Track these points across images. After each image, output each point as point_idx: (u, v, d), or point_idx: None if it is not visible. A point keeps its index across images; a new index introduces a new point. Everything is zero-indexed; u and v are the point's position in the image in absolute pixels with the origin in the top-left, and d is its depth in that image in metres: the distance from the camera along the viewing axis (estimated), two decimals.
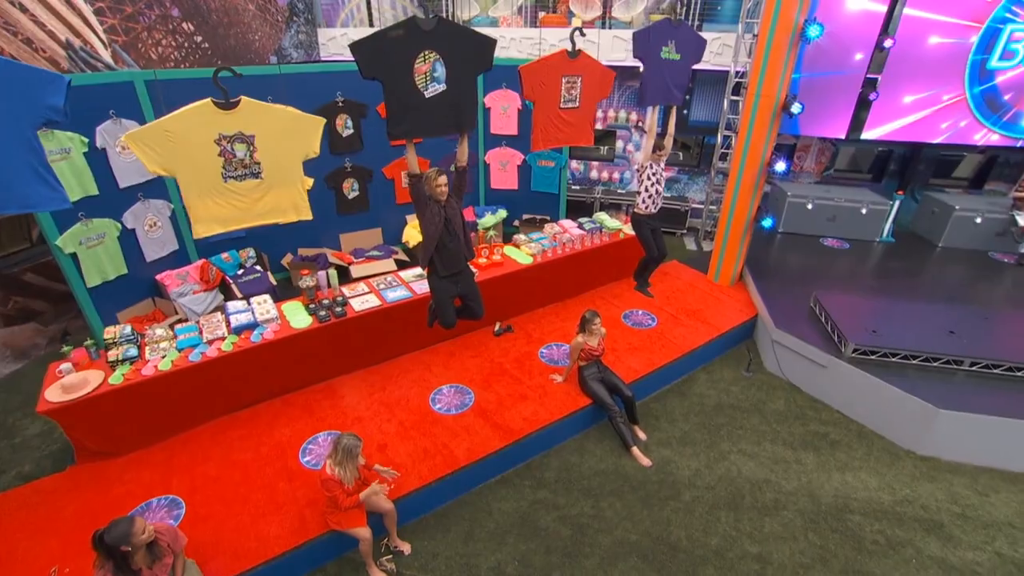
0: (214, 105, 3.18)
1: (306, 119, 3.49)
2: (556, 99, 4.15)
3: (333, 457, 3.23)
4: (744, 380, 5.50)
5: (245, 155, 3.29)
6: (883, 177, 8.62)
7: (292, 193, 3.57)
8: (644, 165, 4.95)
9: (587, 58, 4.14)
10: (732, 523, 3.92)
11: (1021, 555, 3.74)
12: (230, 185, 3.30)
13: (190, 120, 3.11)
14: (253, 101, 3.30)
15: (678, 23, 4.43)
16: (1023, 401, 4.42)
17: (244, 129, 3.25)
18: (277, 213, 3.55)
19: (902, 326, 5.13)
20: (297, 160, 3.53)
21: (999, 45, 6.72)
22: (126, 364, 4.02)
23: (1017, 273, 6.94)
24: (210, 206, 3.30)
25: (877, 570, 3.60)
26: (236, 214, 3.39)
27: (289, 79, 6.01)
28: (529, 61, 4.00)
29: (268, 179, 3.41)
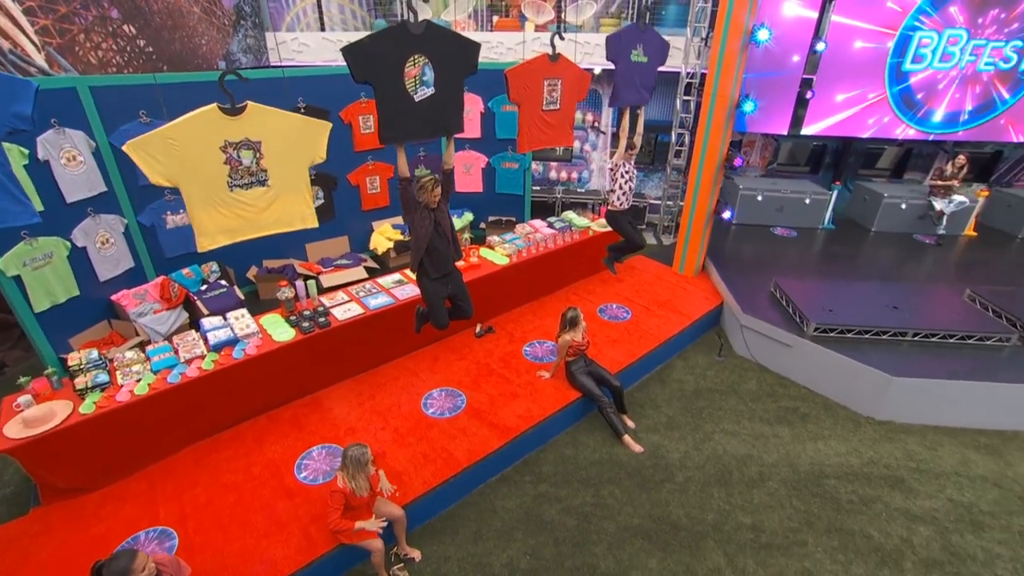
0: (220, 111, 3.04)
1: (313, 123, 3.41)
2: (539, 102, 4.26)
3: (344, 470, 3.16)
4: (717, 364, 5.81)
5: (252, 162, 3.17)
6: (820, 169, 9.33)
7: (299, 201, 3.47)
8: (617, 164, 5.15)
9: (566, 61, 4.27)
10: (724, 498, 4.15)
11: (967, 498, 4.19)
12: (236, 194, 3.17)
13: (194, 127, 2.96)
14: (259, 106, 3.18)
15: (644, 28, 4.65)
16: (958, 364, 4.94)
17: (251, 135, 3.13)
18: (283, 223, 3.44)
19: (853, 305, 5.60)
20: (304, 167, 3.43)
21: (911, 50, 7.46)
22: (96, 391, 3.74)
23: (937, 252, 7.71)
24: (215, 217, 3.15)
25: (855, 526, 3.93)
26: (242, 225, 3.25)
27: (250, 85, 5.77)
28: (514, 64, 4.08)
29: (275, 187, 3.30)
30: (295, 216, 3.50)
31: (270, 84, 6.03)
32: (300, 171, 3.41)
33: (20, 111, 2.41)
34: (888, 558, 3.70)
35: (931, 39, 7.34)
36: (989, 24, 7.25)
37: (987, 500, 4.20)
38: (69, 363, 3.88)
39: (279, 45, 8.80)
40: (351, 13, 10.38)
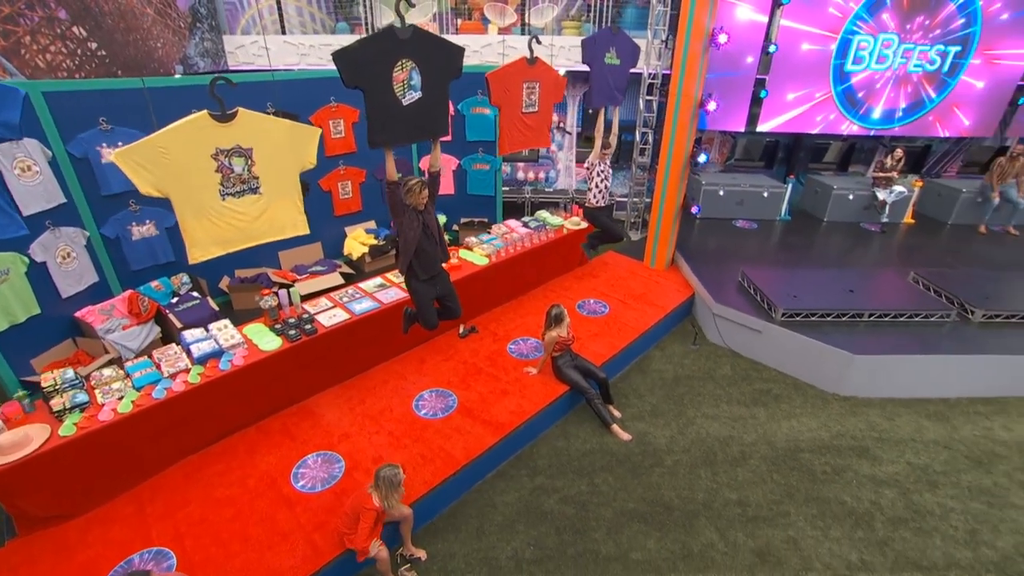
0: (210, 117, 2.97)
1: (302, 129, 3.38)
2: (519, 104, 4.36)
3: (378, 490, 3.16)
4: (693, 352, 6.08)
5: (243, 170, 3.12)
6: (773, 164, 9.86)
7: (290, 208, 3.43)
8: (593, 163, 5.32)
9: (543, 64, 4.39)
10: (711, 477, 4.38)
11: (923, 461, 4.59)
12: (228, 203, 3.11)
13: (185, 135, 2.89)
14: (250, 112, 3.13)
15: (617, 31, 4.84)
16: (907, 341, 5.38)
17: (242, 142, 3.07)
18: (276, 230, 3.39)
19: (814, 290, 5.98)
20: (295, 172, 3.40)
21: (851, 52, 8.01)
22: (76, 412, 3.58)
23: (881, 239, 8.31)
24: (207, 227, 3.08)
25: (830, 494, 4.23)
26: (234, 234, 3.19)
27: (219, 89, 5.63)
28: (492, 68, 4.17)
29: (267, 194, 3.25)
30: (287, 223, 3.46)
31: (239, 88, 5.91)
32: (291, 177, 3.38)
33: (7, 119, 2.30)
34: (861, 520, 4.01)
35: (868, 43, 7.91)
36: (916, 29, 7.89)
37: (939, 461, 4.60)
38: (43, 384, 3.68)
39: (238, 49, 8.54)
40: (310, 16, 10.18)
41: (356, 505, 3.16)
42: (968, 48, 8.00)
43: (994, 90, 8.35)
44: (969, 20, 7.80)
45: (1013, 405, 5.31)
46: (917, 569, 3.66)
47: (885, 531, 3.93)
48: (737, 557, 3.72)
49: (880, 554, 3.76)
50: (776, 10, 7.59)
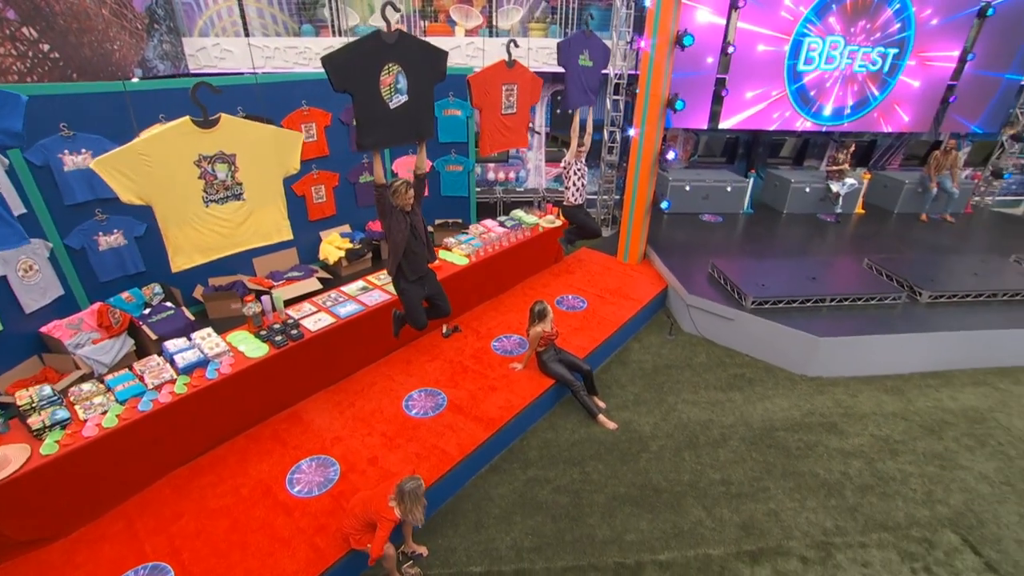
0: (193, 124, 2.93)
1: (285, 134, 3.36)
2: (498, 106, 4.46)
3: (402, 504, 3.15)
4: (669, 343, 6.32)
5: (227, 176, 3.09)
6: (735, 159, 10.30)
7: (274, 213, 3.41)
8: (570, 162, 5.46)
9: (521, 67, 4.51)
10: (695, 459, 4.59)
11: (884, 432, 4.95)
12: (211, 210, 3.07)
13: (168, 141, 2.85)
14: (233, 118, 3.11)
15: (589, 34, 5.00)
16: (864, 323, 5.77)
17: (225, 148, 3.04)
18: (260, 236, 3.37)
19: (779, 278, 6.33)
20: (278, 178, 3.38)
21: (802, 53, 8.48)
22: (57, 430, 3.45)
23: (836, 228, 8.83)
24: (190, 234, 3.03)
25: (804, 468, 4.51)
26: (218, 241, 3.15)
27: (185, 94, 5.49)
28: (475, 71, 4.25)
29: (250, 200, 3.23)
30: (271, 229, 3.45)
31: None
32: (274, 183, 3.37)
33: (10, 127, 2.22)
34: (833, 490, 4.30)
35: (817, 44, 8.40)
36: (859, 32, 8.42)
37: (898, 431, 4.97)
38: (18, 403, 3.53)
39: (199, 51, 8.29)
40: (271, 17, 9.97)
41: (373, 514, 3.17)
42: (904, 50, 8.60)
43: (928, 89, 9.00)
44: (904, 25, 8.39)
45: (957, 377, 5.78)
46: (884, 530, 3.96)
47: (854, 498, 4.23)
48: (724, 532, 3.93)
49: (851, 519, 4.05)
50: (733, 12, 7.95)
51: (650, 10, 6.15)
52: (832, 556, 3.75)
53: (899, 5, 8.21)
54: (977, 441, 4.89)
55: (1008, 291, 6.34)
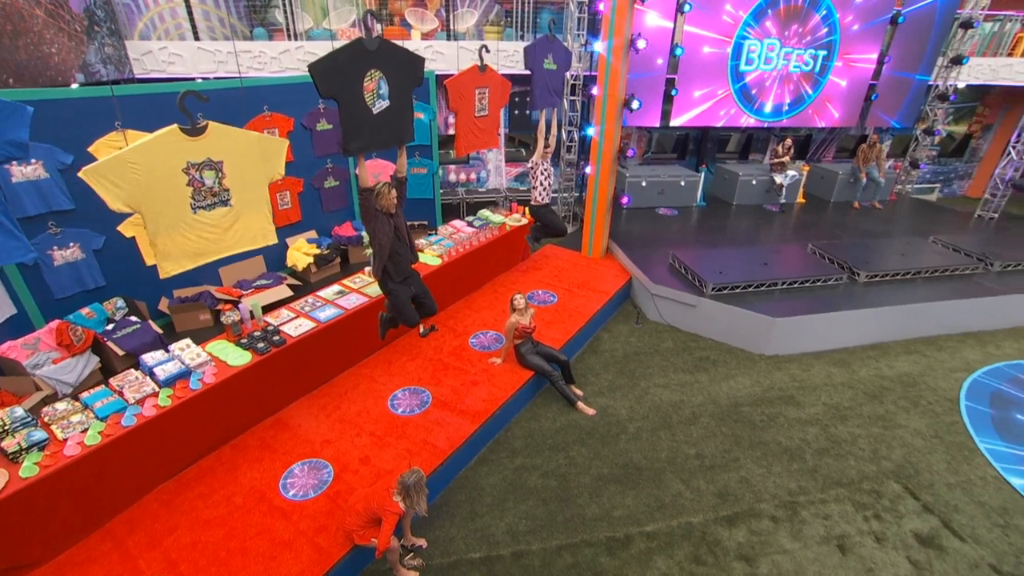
0: (181, 132, 2.92)
1: (270, 140, 3.38)
2: (472, 109, 4.60)
3: (409, 498, 3.24)
4: (637, 331, 6.65)
5: (214, 182, 3.09)
6: (685, 155, 10.84)
7: (260, 219, 3.43)
8: (536, 162, 5.66)
9: (492, 71, 4.67)
10: (671, 438, 4.90)
11: (835, 401, 5.44)
12: (199, 216, 3.07)
13: (156, 149, 2.83)
14: (220, 125, 3.11)
15: (553, 39, 5.22)
16: (812, 303, 6.29)
17: (212, 155, 3.05)
18: (246, 241, 3.37)
19: (734, 266, 6.78)
20: (264, 184, 3.40)
21: (743, 54, 9.06)
22: (35, 451, 3.34)
23: (781, 217, 9.48)
24: (179, 241, 3.02)
25: (768, 437, 4.91)
26: (206, 247, 3.15)
27: (140, 100, 5.35)
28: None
29: (237, 206, 3.24)
30: (257, 234, 3.46)
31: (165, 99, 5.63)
32: (260, 189, 3.39)
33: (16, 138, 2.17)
34: (795, 455, 4.71)
35: (756, 46, 8.99)
36: (793, 36, 9.08)
37: (846, 399, 5.47)
38: None
39: (144, 55, 7.96)
40: (219, 20, 9.66)
41: (377, 509, 3.24)
42: (832, 53, 9.34)
43: (853, 88, 9.81)
44: (831, 30, 9.13)
45: (892, 347, 6.39)
46: (840, 486, 4.39)
47: (813, 461, 4.65)
48: (702, 501, 4.24)
49: (812, 480, 4.45)
50: (679, 16, 8.41)
51: (605, 15, 6.44)
52: (798, 513, 4.13)
53: (825, 11, 8.92)
54: (911, 402, 5.46)
55: (929, 268, 7.06)
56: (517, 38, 9.30)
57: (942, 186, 12.93)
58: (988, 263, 7.27)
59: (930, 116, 10.44)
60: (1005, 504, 4.26)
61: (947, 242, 7.86)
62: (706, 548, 3.84)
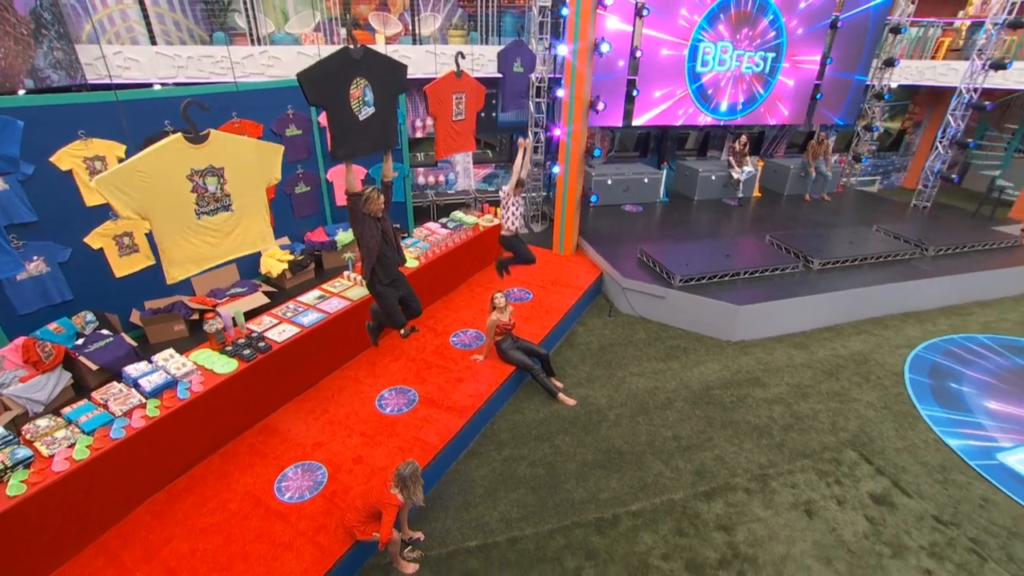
0: (184, 140, 2.95)
1: (267, 147, 3.42)
2: (450, 114, 4.73)
3: (406, 489, 3.36)
4: (610, 324, 6.92)
5: (216, 188, 3.12)
6: (647, 153, 11.24)
7: (259, 222, 3.47)
8: (509, 193, 5.80)
9: (468, 77, 4.81)
10: (648, 423, 5.17)
11: (796, 380, 5.85)
12: (203, 221, 3.10)
13: (162, 158, 2.86)
14: (221, 133, 3.15)
15: (519, 44, 5.40)
16: (772, 290, 6.71)
17: (214, 162, 3.08)
18: (247, 245, 3.41)
19: (699, 258, 7.15)
20: (262, 188, 3.44)
21: (699, 56, 9.50)
22: (21, 469, 3.28)
23: (739, 211, 9.99)
24: (184, 246, 3.05)
25: (738, 417, 5.25)
26: (209, 251, 3.18)
27: (106, 107, 5.23)
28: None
29: (238, 211, 3.28)
30: (256, 237, 3.51)
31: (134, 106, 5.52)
32: (259, 193, 3.45)
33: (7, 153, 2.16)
34: (763, 432, 5.06)
35: (711, 49, 9.45)
36: (744, 38, 9.59)
37: (807, 378, 5.89)
38: None
39: (97, 60, 7.68)
40: (174, 23, 9.40)
41: (376, 503, 3.34)
42: (780, 55, 9.92)
43: (800, 87, 10.44)
44: (778, 33, 9.69)
45: (844, 328, 6.90)
46: (804, 457, 4.76)
47: (780, 436, 5.02)
48: (681, 479, 4.52)
49: (780, 453, 4.81)
50: (638, 20, 8.75)
51: (570, 19, 6.68)
52: (768, 484, 4.46)
53: (772, 16, 9.46)
54: (863, 378, 5.93)
55: (874, 255, 7.63)
56: (481, 42, 9.44)
57: (882, 178, 13.87)
58: (924, 248, 7.92)
59: (869, 114, 11.20)
60: (943, 463, 4.73)
61: (888, 230, 8.50)
62: (687, 521, 4.11)
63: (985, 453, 4.82)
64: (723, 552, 3.87)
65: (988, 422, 5.23)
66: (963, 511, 4.25)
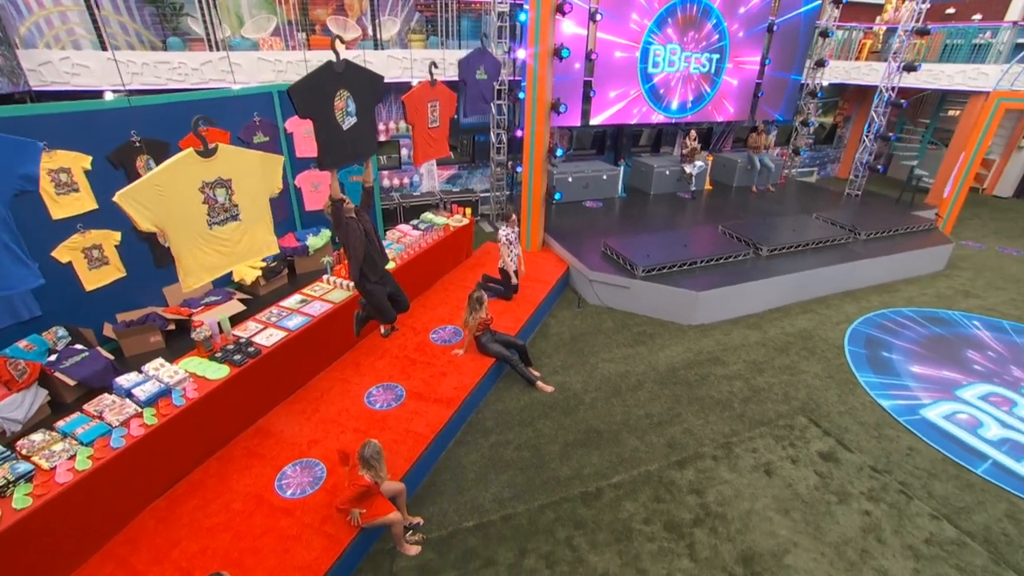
0: (196, 154, 3.07)
1: (270, 158, 3.57)
2: (426, 121, 4.95)
3: (372, 469, 3.58)
4: (579, 314, 7.32)
5: (225, 199, 3.26)
6: (603, 151, 11.73)
7: (263, 230, 3.61)
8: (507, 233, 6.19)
9: (441, 85, 5.04)
10: (622, 404, 5.58)
11: (752, 357, 6.41)
12: (215, 231, 3.23)
13: (177, 172, 2.98)
14: (228, 146, 3.27)
15: (482, 51, 5.67)
16: (728, 276, 7.28)
17: (223, 174, 3.22)
18: (254, 252, 3.56)
19: (659, 249, 7.65)
20: (266, 198, 3.58)
21: (650, 58, 10.03)
22: (23, 483, 3.31)
23: (693, 203, 10.61)
24: (198, 255, 3.18)
25: (703, 393, 5.74)
26: (221, 260, 3.32)
27: (73, 118, 5.16)
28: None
29: (246, 220, 3.42)
30: (262, 245, 3.65)
31: (92, 117, 5.44)
32: (263, 203, 3.60)
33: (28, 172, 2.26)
34: (726, 406, 5.56)
35: (661, 51, 9.99)
36: (691, 41, 10.19)
37: (761, 355, 6.47)
38: None
39: (41, 66, 7.39)
40: (120, 26, 9.09)
41: (351, 488, 3.58)
42: (724, 56, 10.59)
43: (743, 86, 11.17)
44: (721, 36, 10.35)
45: (791, 309, 7.56)
46: (762, 425, 5.29)
47: (740, 408, 5.53)
48: (655, 452, 4.94)
49: (741, 423, 5.32)
50: (592, 24, 9.17)
51: (530, 25, 6.99)
52: (732, 451, 4.95)
53: (715, 20, 10.11)
54: (809, 352, 6.56)
55: (815, 240, 8.36)
56: (441, 46, 9.62)
57: (819, 169, 14.96)
58: (856, 233, 8.72)
59: (805, 110, 12.09)
60: (878, 421, 5.37)
61: (826, 217, 9.30)
62: (663, 489, 4.53)
63: (910, 410, 5.50)
64: (696, 512, 4.31)
65: (913, 384, 5.94)
66: (894, 460, 4.87)
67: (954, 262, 9.22)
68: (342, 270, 6.21)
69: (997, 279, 8.72)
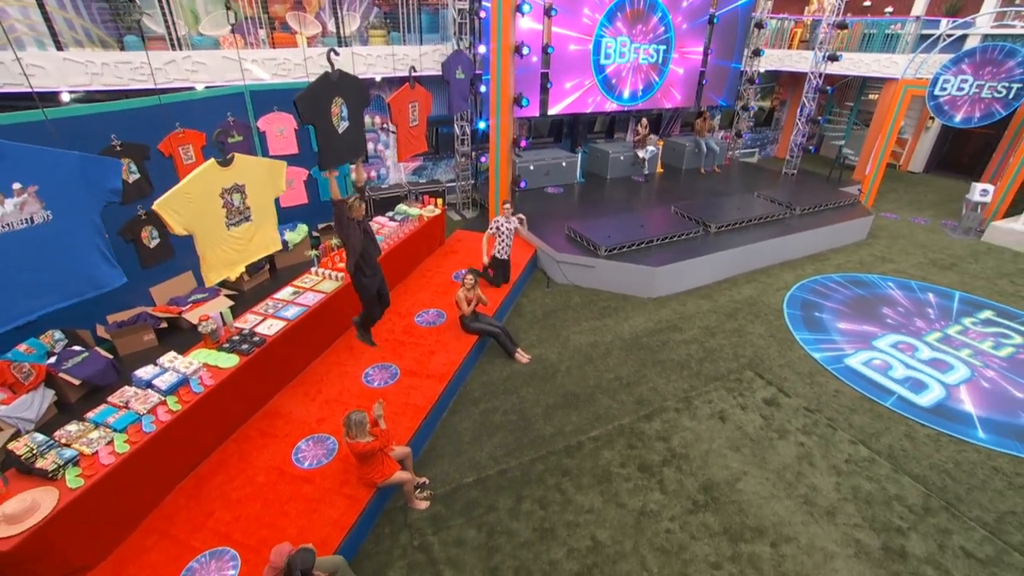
0: (217, 164, 3.40)
1: (274, 164, 3.91)
2: (408, 120, 5.37)
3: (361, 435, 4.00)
4: (549, 293, 7.94)
5: (240, 203, 3.60)
6: (561, 138, 12.32)
7: (270, 229, 3.96)
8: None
9: (419, 87, 5.46)
10: (594, 370, 6.26)
11: (706, 323, 7.22)
12: (232, 232, 3.58)
13: (202, 180, 3.31)
14: (241, 155, 3.60)
15: (458, 52, 6.09)
16: (680, 252, 8.06)
17: (238, 180, 3.56)
18: (263, 248, 3.91)
19: (618, 230, 8.34)
20: (272, 199, 3.92)
21: (602, 50, 10.64)
22: (72, 467, 3.64)
23: (646, 187, 11.39)
24: (218, 254, 3.53)
25: (664, 357, 6.49)
26: (236, 257, 3.67)
27: (57, 124, 5.26)
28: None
29: (256, 221, 3.77)
30: (270, 241, 4.02)
31: (75, 123, 5.55)
32: (270, 204, 3.96)
33: (115, 187, 2.60)
34: (684, 367, 6.33)
35: (612, 43, 10.61)
36: (639, 33, 10.86)
37: (713, 321, 7.29)
38: (17, 453, 3.58)
39: None
40: (67, 22, 8.84)
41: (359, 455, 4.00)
42: (670, 47, 11.33)
43: (689, 75, 11.97)
44: (666, 28, 11.07)
45: (738, 279, 8.45)
46: (716, 380, 6.09)
47: (697, 367, 6.32)
48: (626, 408, 5.64)
49: (699, 380, 6.10)
50: (547, 19, 9.66)
51: (492, 21, 7.43)
52: (692, 403, 5.72)
53: (661, 13, 10.81)
54: (754, 316, 7.44)
55: (757, 217, 9.28)
56: (403, 41, 9.87)
57: (759, 150, 16.11)
58: (792, 209, 9.72)
59: (745, 95, 13.06)
60: (811, 370, 6.29)
61: (766, 195, 10.26)
62: (635, 438, 5.24)
63: (837, 360, 6.45)
64: (664, 455, 5.04)
65: (839, 338, 6.91)
66: (823, 401, 5.77)
67: (874, 232, 10.41)
68: (328, 262, 6.57)
69: (909, 245, 9.95)
